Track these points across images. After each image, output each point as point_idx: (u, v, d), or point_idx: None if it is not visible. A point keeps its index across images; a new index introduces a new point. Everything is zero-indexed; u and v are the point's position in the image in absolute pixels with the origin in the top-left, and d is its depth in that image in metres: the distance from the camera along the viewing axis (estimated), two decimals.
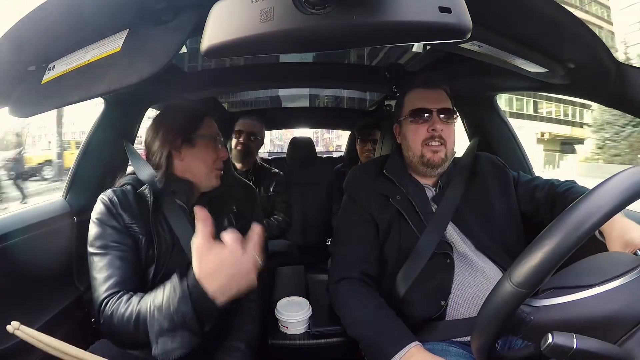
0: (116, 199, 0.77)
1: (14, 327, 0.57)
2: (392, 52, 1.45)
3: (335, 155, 3.02)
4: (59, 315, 0.94)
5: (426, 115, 0.90)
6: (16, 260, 0.88)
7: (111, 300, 0.68)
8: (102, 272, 0.70)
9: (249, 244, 0.60)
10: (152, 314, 0.60)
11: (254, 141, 1.82)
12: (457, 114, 0.94)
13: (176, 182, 0.83)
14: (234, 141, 1.81)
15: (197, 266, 0.58)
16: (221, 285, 0.57)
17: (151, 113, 1.48)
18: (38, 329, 0.88)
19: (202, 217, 0.58)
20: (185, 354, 0.59)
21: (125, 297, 0.67)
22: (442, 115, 0.89)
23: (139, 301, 0.65)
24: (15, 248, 0.89)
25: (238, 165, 1.82)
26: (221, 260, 0.57)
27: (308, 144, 2.25)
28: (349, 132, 2.40)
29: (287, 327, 0.90)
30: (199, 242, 0.58)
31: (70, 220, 1.09)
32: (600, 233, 0.69)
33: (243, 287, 0.59)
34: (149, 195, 0.79)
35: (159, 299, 0.61)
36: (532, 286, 0.42)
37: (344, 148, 2.55)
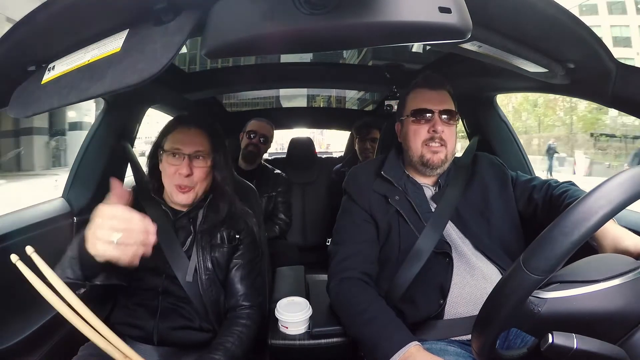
0: None
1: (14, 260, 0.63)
2: (392, 52, 1.45)
3: (335, 155, 3.02)
4: (58, 315, 0.93)
5: (428, 115, 0.89)
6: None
7: None
8: None
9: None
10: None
11: (265, 143, 1.83)
12: (459, 115, 0.94)
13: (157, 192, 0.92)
14: (244, 141, 1.81)
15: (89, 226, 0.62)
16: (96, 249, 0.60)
17: (151, 112, 1.49)
18: (36, 330, 0.89)
19: (117, 193, 0.61)
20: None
21: None
22: (443, 117, 0.89)
23: None
24: (15, 248, 0.89)
25: (243, 165, 1.82)
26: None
27: (308, 144, 2.25)
28: (339, 133, 2.41)
29: (287, 327, 0.90)
30: (101, 208, 0.60)
31: (70, 220, 1.09)
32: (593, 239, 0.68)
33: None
34: None
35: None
36: (546, 272, 0.42)
37: (332, 147, 2.57)
